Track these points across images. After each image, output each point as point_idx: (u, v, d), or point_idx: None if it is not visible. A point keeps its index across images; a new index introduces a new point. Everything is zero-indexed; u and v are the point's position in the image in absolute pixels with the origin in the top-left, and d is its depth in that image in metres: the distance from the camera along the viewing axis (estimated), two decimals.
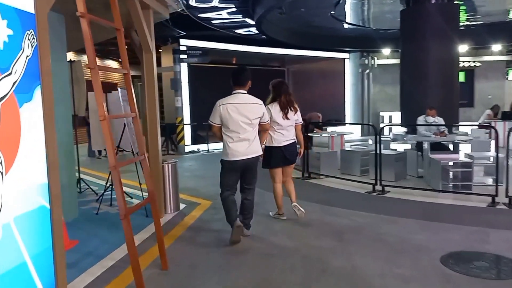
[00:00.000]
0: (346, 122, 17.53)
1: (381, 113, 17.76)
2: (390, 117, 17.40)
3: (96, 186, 7.54)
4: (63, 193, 5.32)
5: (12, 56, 2.54)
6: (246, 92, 4.55)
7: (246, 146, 4.43)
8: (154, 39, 5.45)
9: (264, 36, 13.03)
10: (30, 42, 2.73)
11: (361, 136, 16.87)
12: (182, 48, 12.98)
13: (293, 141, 5.24)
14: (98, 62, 13.79)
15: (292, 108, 5.15)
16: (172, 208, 5.83)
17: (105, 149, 7.82)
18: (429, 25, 9.88)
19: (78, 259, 4.15)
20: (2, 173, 2.43)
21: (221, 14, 10.82)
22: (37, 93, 2.79)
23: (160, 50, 14.18)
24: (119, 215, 3.16)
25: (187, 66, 13.40)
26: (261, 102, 4.62)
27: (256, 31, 12.52)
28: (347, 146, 9.46)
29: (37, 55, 2.79)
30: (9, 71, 2.51)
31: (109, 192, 6.53)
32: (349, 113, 18.36)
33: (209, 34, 13.27)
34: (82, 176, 7.65)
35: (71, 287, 3.55)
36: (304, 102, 18.65)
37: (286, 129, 5.13)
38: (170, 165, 5.80)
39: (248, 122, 4.43)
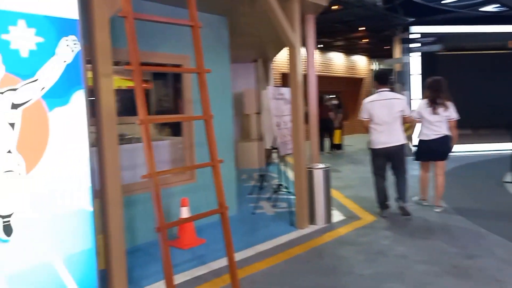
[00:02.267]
0: None
1: None
2: None
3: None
4: None
5: (39, 63, 2.65)
6: (389, 89, 5.32)
7: (388, 136, 5.14)
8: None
9: None
10: (70, 47, 2.79)
11: None
12: (413, 36, 11.44)
13: (442, 135, 5.40)
14: (345, 58, 14.30)
15: (442, 104, 5.37)
16: (321, 219, 5.14)
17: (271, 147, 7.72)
18: None
19: (186, 259, 4.16)
20: (21, 175, 2.58)
21: None
22: (76, 97, 2.84)
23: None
24: (156, 228, 2.89)
25: (421, 56, 11.74)
26: (403, 97, 5.45)
27: None
28: None
29: (80, 60, 2.84)
30: (34, 78, 2.63)
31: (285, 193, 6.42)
32: None
33: (451, 17, 11.20)
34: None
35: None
36: None
37: (434, 124, 5.40)
38: (319, 171, 5.12)
39: (390, 115, 5.13)
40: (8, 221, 2.54)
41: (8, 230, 2.54)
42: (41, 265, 2.67)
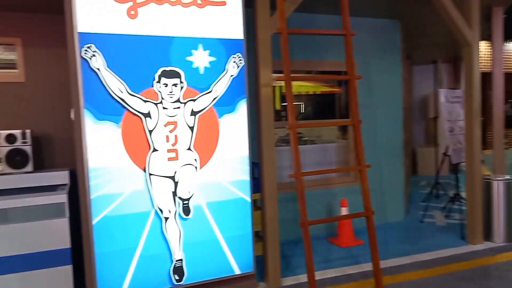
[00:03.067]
0: None
1: None
2: None
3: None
4: (387, 194, 5.52)
5: (213, 78, 3.27)
6: None
7: None
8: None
9: None
10: (237, 63, 3.35)
11: None
12: None
13: None
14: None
15: None
16: (498, 237, 4.57)
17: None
18: None
19: (341, 256, 4.34)
20: (196, 168, 3.25)
21: None
22: (241, 106, 3.37)
23: None
24: (299, 223, 3.18)
25: None
26: None
27: None
28: None
29: (243, 74, 3.37)
30: (209, 90, 3.26)
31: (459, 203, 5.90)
32: None
33: None
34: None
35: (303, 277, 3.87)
36: None
37: None
38: (499, 183, 4.55)
39: None
40: (187, 203, 3.23)
41: (186, 210, 3.23)
42: (210, 240, 3.30)
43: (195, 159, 3.25)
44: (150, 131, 3.10)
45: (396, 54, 5.53)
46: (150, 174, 3.11)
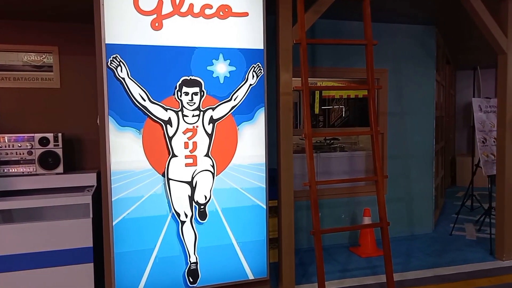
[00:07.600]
0: None
1: None
2: None
3: None
4: (415, 205, 5.39)
5: (233, 87, 3.35)
6: None
7: None
8: None
9: None
10: (256, 73, 3.42)
11: None
12: None
13: None
14: None
15: None
16: None
17: None
18: None
19: (360, 266, 4.30)
20: (213, 174, 3.35)
21: None
22: (259, 114, 3.44)
23: None
24: (311, 231, 3.20)
25: None
26: None
27: None
28: None
29: (263, 83, 3.43)
30: (228, 99, 3.34)
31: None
32: None
33: None
34: None
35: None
36: None
37: None
38: None
39: None
40: (203, 208, 3.34)
41: (203, 215, 3.34)
42: (224, 244, 3.38)
43: (212, 166, 3.34)
44: (170, 138, 3.23)
45: (431, 61, 5.38)
46: (169, 179, 3.23)
